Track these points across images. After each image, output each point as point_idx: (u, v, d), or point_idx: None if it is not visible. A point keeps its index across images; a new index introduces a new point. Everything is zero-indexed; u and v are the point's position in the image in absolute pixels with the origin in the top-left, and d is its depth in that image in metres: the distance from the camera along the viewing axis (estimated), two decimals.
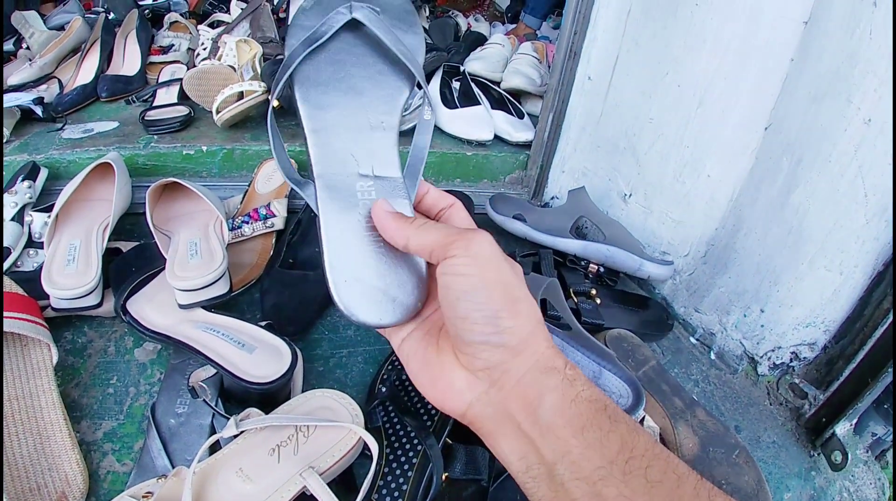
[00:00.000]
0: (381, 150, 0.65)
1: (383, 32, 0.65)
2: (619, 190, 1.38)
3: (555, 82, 1.45)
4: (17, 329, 0.88)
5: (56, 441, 0.86)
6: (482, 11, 3.29)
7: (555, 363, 0.50)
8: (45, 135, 1.52)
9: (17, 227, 1.20)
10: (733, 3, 1.05)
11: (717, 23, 1.09)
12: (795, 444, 1.07)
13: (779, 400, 1.14)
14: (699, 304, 1.24)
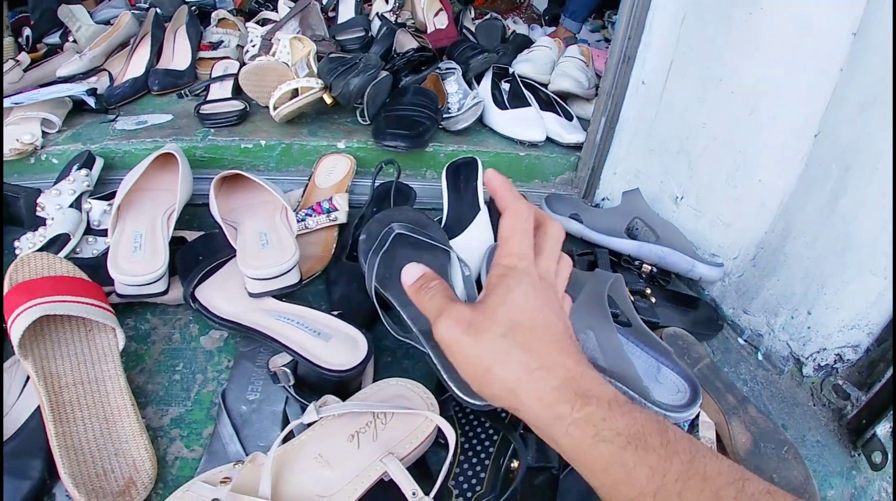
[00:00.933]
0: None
1: (418, 235, 1.12)
2: (670, 193, 1.46)
3: (608, 86, 1.54)
4: (84, 313, 0.94)
5: (123, 426, 0.91)
6: (520, 14, 3.38)
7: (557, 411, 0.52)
8: (97, 126, 1.62)
9: (75, 214, 1.28)
10: (786, 13, 1.12)
11: (769, 31, 1.16)
12: (837, 444, 1.13)
13: (822, 401, 1.20)
14: (748, 306, 1.31)
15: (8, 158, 1.45)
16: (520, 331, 0.56)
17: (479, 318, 0.57)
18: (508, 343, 0.55)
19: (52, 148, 1.52)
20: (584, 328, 1.07)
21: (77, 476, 0.82)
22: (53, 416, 0.87)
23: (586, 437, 0.50)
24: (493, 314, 0.56)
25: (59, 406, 0.89)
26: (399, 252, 1.12)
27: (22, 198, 1.35)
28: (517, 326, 0.56)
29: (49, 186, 1.36)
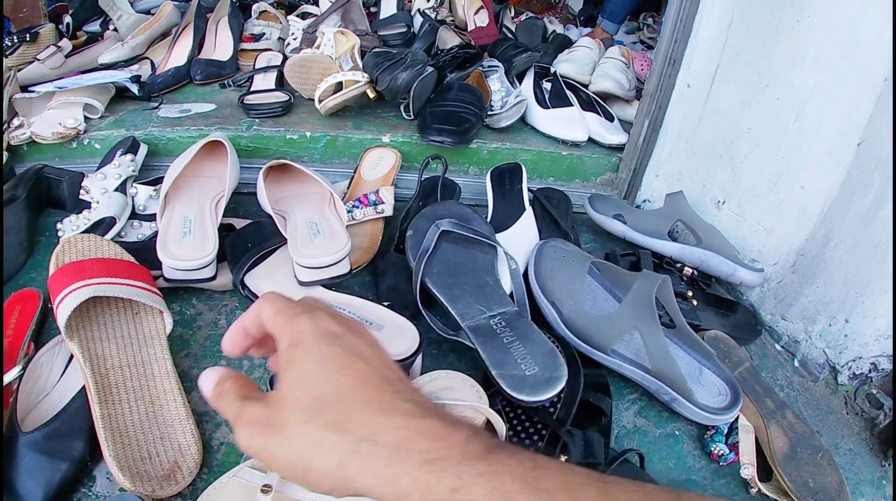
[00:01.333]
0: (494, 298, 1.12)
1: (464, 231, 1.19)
2: (712, 196, 1.50)
3: (652, 88, 1.58)
4: (133, 296, 0.95)
5: (170, 410, 0.92)
6: (556, 14, 3.40)
7: (400, 487, 0.44)
8: (140, 113, 1.67)
9: (120, 198, 1.31)
10: (834, 22, 1.16)
11: (817, 39, 1.19)
12: (869, 453, 1.15)
13: (855, 410, 1.23)
14: (786, 312, 1.34)
15: (50, 141, 1.49)
16: (327, 407, 0.48)
17: (275, 412, 0.49)
18: (316, 427, 0.47)
19: (94, 133, 1.56)
20: (631, 328, 1.11)
21: (122, 458, 0.84)
22: (99, 398, 0.88)
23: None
24: (290, 400, 0.49)
25: (105, 389, 0.90)
26: (446, 247, 1.18)
27: (65, 181, 1.40)
28: (322, 402, 0.48)
29: (91, 170, 1.40)
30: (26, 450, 0.86)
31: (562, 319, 1.14)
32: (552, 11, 3.56)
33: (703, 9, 1.45)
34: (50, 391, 0.97)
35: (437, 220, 1.19)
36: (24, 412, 0.93)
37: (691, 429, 1.11)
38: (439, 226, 1.17)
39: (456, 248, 1.19)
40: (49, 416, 0.90)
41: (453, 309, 1.08)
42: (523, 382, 0.95)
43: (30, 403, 0.95)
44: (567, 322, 1.13)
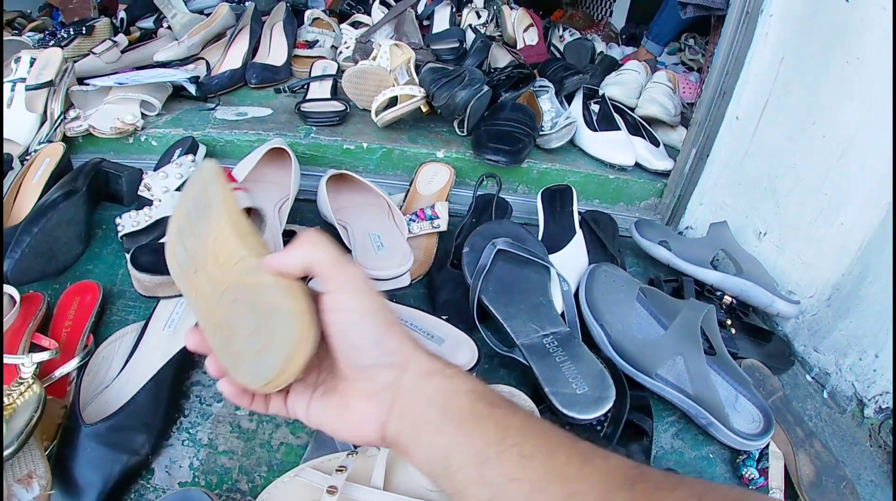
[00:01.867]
0: (547, 318, 1.19)
1: (519, 250, 1.24)
2: (754, 228, 1.54)
3: (701, 117, 1.63)
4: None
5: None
6: (598, 31, 3.43)
7: (435, 366, 0.57)
8: (196, 113, 1.74)
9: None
10: (882, 64, 1.18)
11: (865, 80, 1.23)
12: (889, 485, 1.19)
13: (879, 443, 1.26)
14: (819, 344, 1.38)
15: (108, 135, 1.56)
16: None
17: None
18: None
19: (151, 130, 1.63)
20: (675, 354, 1.16)
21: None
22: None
23: (452, 389, 0.56)
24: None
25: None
26: (501, 267, 1.25)
27: (124, 177, 1.45)
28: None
29: (145, 166, 1.47)
30: (88, 441, 0.90)
31: (610, 341, 1.19)
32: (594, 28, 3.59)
33: (755, 44, 1.49)
34: (110, 384, 1.01)
35: (493, 238, 1.25)
36: (85, 404, 0.97)
37: (724, 453, 1.16)
38: (496, 245, 1.24)
39: (511, 267, 1.26)
40: (109, 409, 0.95)
41: (509, 326, 1.15)
42: (574, 400, 1.03)
43: (90, 395, 0.99)
44: (615, 345, 1.19)
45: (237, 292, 0.60)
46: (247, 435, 1.02)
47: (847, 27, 1.26)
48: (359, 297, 0.57)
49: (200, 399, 1.07)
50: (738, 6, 1.49)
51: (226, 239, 0.63)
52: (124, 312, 1.21)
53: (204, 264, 0.65)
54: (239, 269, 0.61)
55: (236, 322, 0.60)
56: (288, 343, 0.54)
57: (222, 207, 0.64)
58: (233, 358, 0.60)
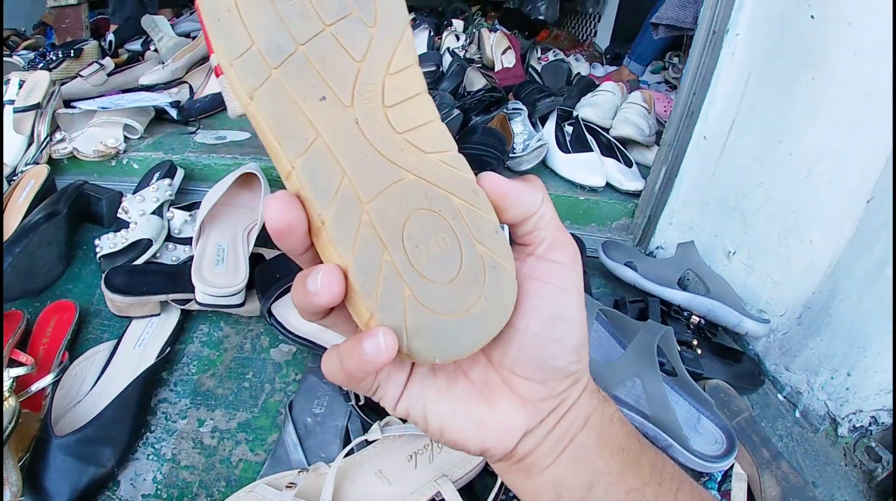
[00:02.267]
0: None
1: None
2: (723, 247, 1.53)
3: (670, 138, 1.62)
4: None
5: None
6: (582, 51, 3.46)
7: (594, 385, 0.50)
8: (177, 136, 1.75)
9: (158, 221, 1.38)
10: (848, 81, 1.18)
11: (832, 97, 1.22)
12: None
13: (854, 462, 1.24)
14: (790, 363, 1.36)
15: (90, 158, 1.57)
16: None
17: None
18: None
19: (133, 153, 1.64)
20: (633, 375, 1.14)
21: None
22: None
23: (608, 414, 0.49)
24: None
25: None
26: None
27: (105, 199, 1.48)
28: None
29: (127, 188, 1.48)
30: (58, 453, 0.93)
31: None
32: (579, 48, 3.61)
33: (721, 63, 1.48)
34: (82, 399, 1.05)
35: None
36: (58, 417, 1.01)
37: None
38: None
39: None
40: (79, 423, 0.98)
41: None
42: None
43: (63, 409, 1.03)
44: None
45: (434, 198, 0.41)
46: (208, 451, 1.04)
47: (813, 44, 1.25)
48: (579, 283, 0.45)
49: (166, 416, 1.10)
50: (705, 25, 1.48)
51: (415, 86, 0.43)
52: (100, 330, 1.25)
53: (358, 99, 0.41)
54: (440, 162, 0.42)
55: (432, 248, 0.41)
56: (502, 307, 0.42)
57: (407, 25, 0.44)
58: (413, 303, 0.40)
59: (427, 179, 0.41)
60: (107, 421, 0.99)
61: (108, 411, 1.00)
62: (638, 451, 0.48)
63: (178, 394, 1.14)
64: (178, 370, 1.19)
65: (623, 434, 0.48)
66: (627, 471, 0.46)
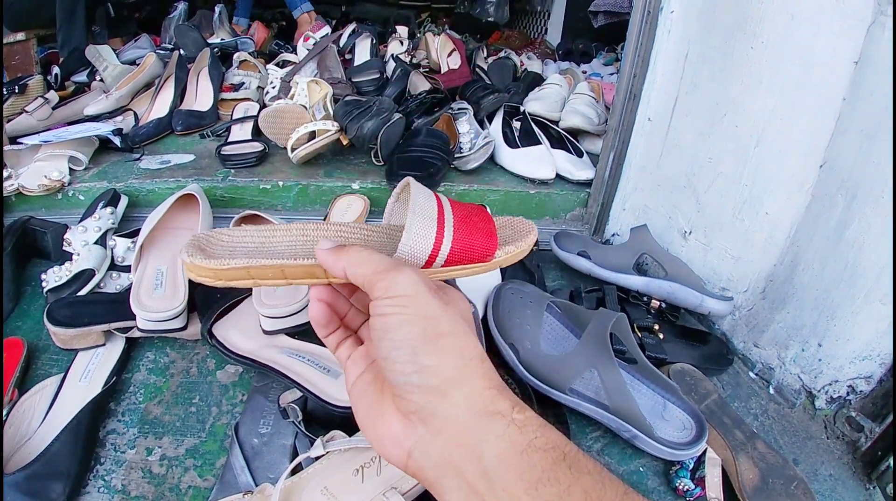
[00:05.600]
0: None
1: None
2: (679, 227, 1.46)
3: (615, 123, 1.54)
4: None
5: None
6: (534, 49, 3.42)
7: (497, 406, 0.47)
8: (122, 164, 1.67)
9: (100, 250, 1.33)
10: (787, 45, 1.13)
11: (772, 64, 1.16)
12: (852, 477, 1.11)
13: (835, 434, 1.18)
14: (758, 339, 1.30)
15: (36, 193, 1.50)
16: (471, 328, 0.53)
17: (441, 291, 0.53)
18: (468, 328, 0.52)
19: (78, 185, 1.57)
20: (589, 367, 1.08)
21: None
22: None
23: (522, 442, 0.45)
24: (455, 299, 0.54)
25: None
26: None
27: (49, 233, 1.43)
28: (469, 322, 0.53)
29: (76, 221, 1.40)
30: (8, 490, 0.88)
31: (519, 360, 1.11)
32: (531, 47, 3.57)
33: (658, 43, 1.42)
34: (32, 435, 1.00)
35: None
36: (8, 455, 0.96)
37: (657, 465, 1.07)
38: None
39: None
40: (29, 459, 0.93)
41: None
42: None
43: (13, 446, 0.98)
44: (525, 363, 1.11)
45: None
46: (157, 480, 0.99)
47: (747, 13, 1.19)
48: (399, 303, 0.49)
49: (115, 447, 1.04)
50: (640, 6, 1.41)
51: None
52: (48, 365, 1.19)
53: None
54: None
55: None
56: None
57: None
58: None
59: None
60: (54, 455, 0.94)
61: (54, 445, 0.96)
62: (567, 482, 0.43)
63: (126, 424, 1.08)
64: (125, 399, 1.13)
65: (544, 466, 0.43)
66: None
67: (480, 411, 0.46)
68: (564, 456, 0.44)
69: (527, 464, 0.43)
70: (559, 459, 0.44)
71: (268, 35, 2.93)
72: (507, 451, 0.44)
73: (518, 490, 0.43)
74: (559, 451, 0.44)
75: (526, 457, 0.44)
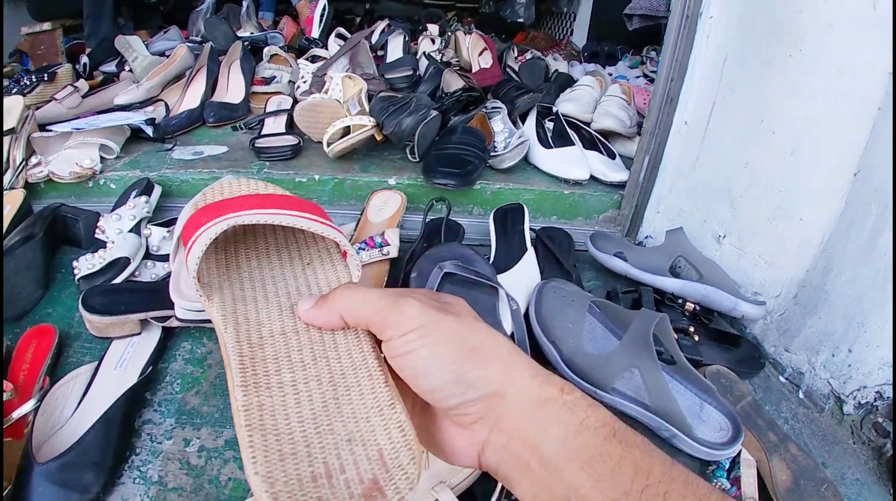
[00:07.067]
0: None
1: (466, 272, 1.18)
2: (713, 231, 1.49)
3: (651, 126, 1.59)
4: (295, 224, 0.56)
5: (363, 398, 0.51)
6: (560, 51, 3.44)
7: (548, 392, 0.47)
8: (154, 154, 1.72)
9: (135, 239, 1.35)
10: (824, 55, 1.16)
11: (809, 72, 1.20)
12: (877, 482, 1.13)
13: (862, 439, 1.20)
14: (789, 344, 1.32)
15: (67, 180, 1.53)
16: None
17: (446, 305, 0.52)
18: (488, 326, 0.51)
19: (110, 173, 1.61)
20: (630, 366, 1.10)
21: (278, 478, 0.43)
22: (244, 380, 0.50)
23: (574, 423, 0.46)
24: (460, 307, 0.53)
25: (256, 365, 0.52)
26: (449, 289, 1.19)
27: (81, 220, 1.44)
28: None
29: (106, 209, 1.44)
30: (40, 480, 0.88)
31: (562, 358, 1.14)
32: (556, 48, 3.59)
33: (697, 47, 1.46)
34: (64, 424, 1.00)
35: (440, 262, 1.20)
36: (39, 444, 0.95)
37: (693, 465, 1.09)
38: (442, 268, 1.19)
39: (459, 289, 1.20)
40: (62, 448, 0.93)
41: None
42: None
43: (45, 435, 0.97)
44: (567, 362, 1.14)
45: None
46: (196, 472, 0.99)
47: (787, 21, 1.23)
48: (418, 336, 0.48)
49: (151, 437, 1.04)
50: (678, 11, 1.45)
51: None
52: (80, 353, 1.20)
53: None
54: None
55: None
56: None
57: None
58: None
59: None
60: (89, 445, 0.94)
61: (89, 434, 0.95)
62: (618, 457, 0.44)
63: (163, 414, 1.09)
64: (161, 389, 1.14)
65: (595, 443, 0.45)
66: (603, 482, 0.43)
67: (533, 401, 0.47)
68: (615, 432, 0.45)
69: (581, 444, 0.45)
70: (609, 435, 0.45)
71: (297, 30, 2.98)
72: (562, 434, 0.45)
73: (574, 468, 0.44)
74: (609, 427, 0.45)
75: (579, 437, 0.45)
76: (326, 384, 0.52)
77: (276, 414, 0.48)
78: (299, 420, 0.49)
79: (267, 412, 0.48)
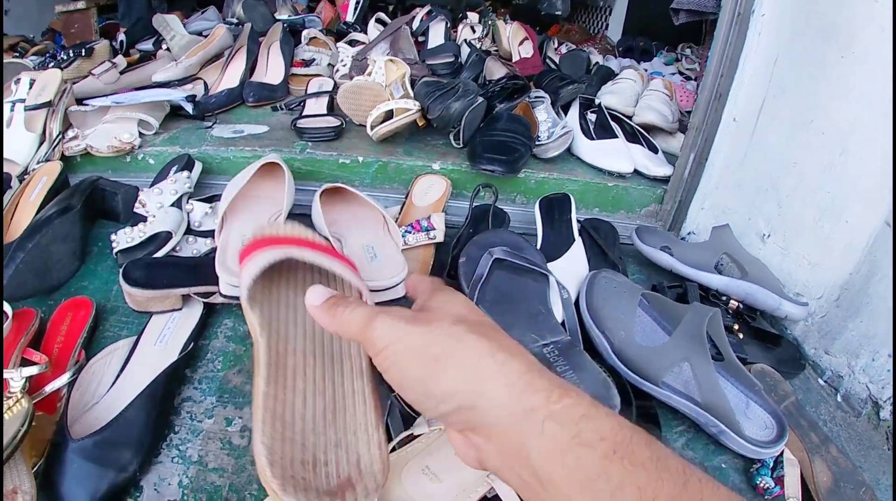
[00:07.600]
0: (547, 327, 1.14)
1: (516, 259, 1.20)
2: (758, 230, 1.50)
3: (698, 121, 1.60)
4: (335, 269, 0.73)
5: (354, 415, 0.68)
6: (595, 45, 3.44)
7: (529, 402, 0.45)
8: (193, 131, 1.74)
9: (177, 213, 1.36)
10: (876, 56, 1.17)
11: (860, 74, 1.21)
12: None
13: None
14: (830, 346, 1.33)
15: (105, 154, 1.55)
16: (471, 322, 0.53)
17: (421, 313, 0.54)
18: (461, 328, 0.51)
19: (148, 149, 1.63)
20: (681, 360, 1.11)
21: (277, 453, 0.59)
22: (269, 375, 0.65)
23: (565, 437, 0.43)
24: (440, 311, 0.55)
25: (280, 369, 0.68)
26: (499, 275, 1.21)
27: (120, 194, 1.45)
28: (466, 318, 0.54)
29: (144, 184, 1.46)
30: (75, 457, 0.87)
31: (613, 349, 1.15)
32: (591, 42, 3.59)
33: (748, 45, 1.47)
34: (99, 400, 0.99)
35: (489, 248, 1.22)
36: (74, 420, 0.94)
37: (737, 462, 1.10)
38: (492, 254, 1.20)
39: (508, 276, 1.22)
40: (98, 424, 0.92)
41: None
42: None
43: (79, 410, 0.97)
44: (618, 353, 1.14)
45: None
46: (237, 452, 0.98)
47: (839, 22, 1.24)
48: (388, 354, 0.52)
49: (191, 415, 1.04)
50: (729, 8, 1.47)
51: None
52: (117, 327, 1.19)
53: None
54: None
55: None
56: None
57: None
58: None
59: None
60: (127, 422, 0.92)
61: (128, 411, 0.93)
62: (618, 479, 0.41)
63: (203, 392, 1.08)
64: (202, 366, 1.13)
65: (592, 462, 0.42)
66: None
67: (512, 412, 0.46)
68: (615, 449, 0.42)
69: (573, 462, 0.42)
70: (608, 453, 0.42)
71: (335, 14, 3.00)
72: (551, 450, 0.44)
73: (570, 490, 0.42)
74: (608, 443, 0.43)
75: (571, 455, 0.43)
76: (329, 400, 0.68)
77: (286, 408, 0.64)
78: (302, 419, 0.64)
79: (280, 403, 0.63)
